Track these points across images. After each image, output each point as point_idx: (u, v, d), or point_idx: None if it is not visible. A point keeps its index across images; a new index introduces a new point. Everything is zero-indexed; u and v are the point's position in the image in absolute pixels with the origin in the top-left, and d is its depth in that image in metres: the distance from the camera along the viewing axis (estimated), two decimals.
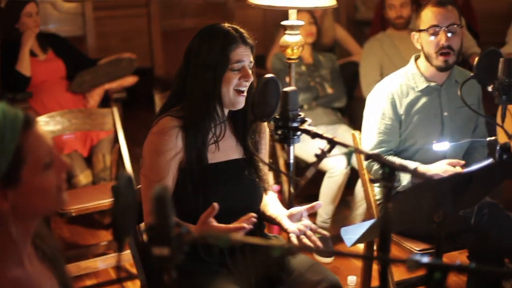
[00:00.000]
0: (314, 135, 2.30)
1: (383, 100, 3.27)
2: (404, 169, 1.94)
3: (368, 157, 2.05)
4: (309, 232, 2.55)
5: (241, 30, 2.66)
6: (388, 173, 1.98)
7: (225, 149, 2.70)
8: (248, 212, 2.75)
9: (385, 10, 5.15)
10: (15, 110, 1.67)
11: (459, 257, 3.64)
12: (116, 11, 5.94)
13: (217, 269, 2.63)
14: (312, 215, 4.61)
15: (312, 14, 5.03)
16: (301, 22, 3.32)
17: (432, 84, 3.29)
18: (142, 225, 2.76)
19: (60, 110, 4.34)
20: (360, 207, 4.56)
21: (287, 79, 3.56)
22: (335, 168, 4.38)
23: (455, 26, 3.20)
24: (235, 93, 2.62)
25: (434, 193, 2.34)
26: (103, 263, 3.94)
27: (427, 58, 3.26)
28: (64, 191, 1.74)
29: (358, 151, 2.12)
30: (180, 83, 2.66)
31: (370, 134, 3.28)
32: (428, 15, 3.21)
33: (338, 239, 4.25)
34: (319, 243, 2.54)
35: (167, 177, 2.57)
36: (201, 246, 2.53)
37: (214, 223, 2.38)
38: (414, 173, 1.99)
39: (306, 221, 2.58)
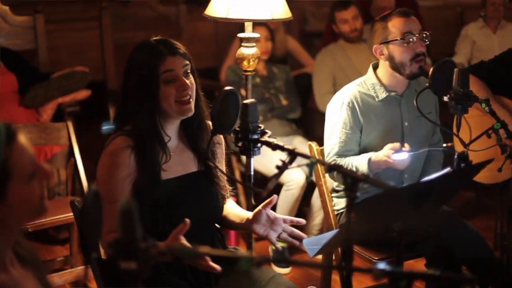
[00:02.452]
0: (274, 147, 2.32)
1: (344, 109, 3.27)
2: (367, 179, 1.96)
3: (330, 168, 2.07)
4: (288, 228, 2.58)
5: (170, 41, 2.63)
6: (351, 183, 2.01)
7: (181, 163, 2.69)
8: (209, 223, 2.76)
9: (335, 25, 5.20)
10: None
11: (416, 265, 3.68)
12: (68, 24, 5.90)
13: (178, 282, 2.62)
14: None
15: (270, 30, 5.06)
16: (256, 35, 3.34)
17: (393, 93, 3.30)
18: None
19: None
20: (317, 218, 4.59)
21: (243, 91, 3.57)
22: (292, 181, 4.42)
23: (427, 33, 3.23)
24: (178, 104, 2.60)
25: (394, 202, 2.36)
26: (60, 278, 3.89)
27: (399, 67, 3.24)
28: (46, 198, 1.75)
29: (320, 162, 2.13)
30: (123, 101, 2.64)
31: (331, 143, 3.29)
32: (398, 25, 3.21)
33: (295, 250, 4.28)
34: (304, 235, 2.58)
35: (122, 197, 2.52)
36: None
37: (183, 240, 2.36)
38: (376, 182, 2.01)
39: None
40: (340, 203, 3.38)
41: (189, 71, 2.64)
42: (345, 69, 5.00)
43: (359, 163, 3.16)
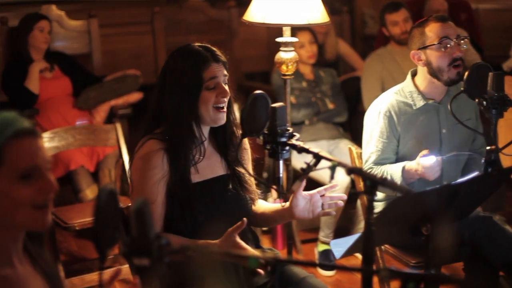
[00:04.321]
0: (300, 150, 2.35)
1: (380, 118, 3.27)
2: (384, 182, 1.98)
3: (350, 171, 2.10)
4: (326, 198, 2.67)
5: (212, 48, 2.70)
6: (370, 186, 2.03)
7: (210, 167, 2.74)
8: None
9: (385, 28, 5.20)
10: (14, 120, 1.74)
11: (456, 269, 3.66)
12: (122, 28, 6.01)
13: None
14: (315, 230, 4.66)
15: (313, 33, 5.09)
16: (294, 39, 3.38)
17: (430, 101, 3.29)
18: None
19: (66, 126, 4.43)
20: (362, 221, 4.59)
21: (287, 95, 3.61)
22: (335, 182, 4.41)
23: (465, 38, 3.22)
24: (215, 110, 2.66)
25: (420, 206, 2.37)
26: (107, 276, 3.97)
27: (437, 73, 3.22)
28: (46, 211, 1.76)
29: (340, 165, 2.16)
30: (158, 104, 2.70)
31: (368, 152, 3.30)
32: (435, 29, 3.20)
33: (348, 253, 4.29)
34: (342, 195, 2.69)
35: (157, 200, 2.61)
36: None
37: (238, 239, 2.42)
38: (396, 187, 2.03)
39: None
40: (378, 207, 3.39)
41: (227, 79, 2.71)
42: (393, 73, 4.99)
43: (393, 171, 3.16)
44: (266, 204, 2.89)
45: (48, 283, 1.89)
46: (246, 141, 2.85)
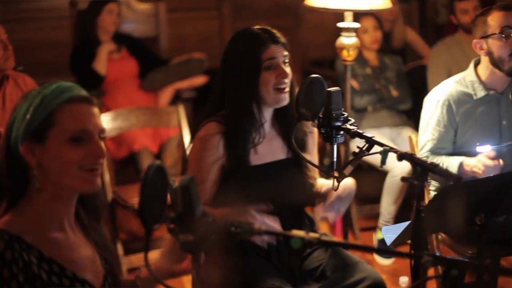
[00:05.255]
0: (354, 134, 2.35)
1: (439, 107, 3.23)
2: (434, 169, 1.97)
3: (401, 156, 2.09)
4: None
5: (271, 30, 2.72)
6: (420, 172, 2.02)
7: (271, 150, 2.76)
8: (296, 210, 2.81)
9: (454, 16, 5.11)
10: (70, 87, 1.84)
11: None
12: (189, 13, 6.06)
13: (264, 263, 2.70)
14: (375, 216, 4.64)
15: (378, 19, 5.05)
16: (356, 24, 3.36)
17: (492, 92, 3.24)
18: None
19: (130, 107, 4.52)
20: None
21: (353, 82, 3.59)
22: (395, 168, 4.38)
23: None
24: (276, 91, 2.68)
25: (473, 195, 2.35)
26: None
27: (498, 63, 3.17)
28: (95, 174, 1.83)
29: (392, 150, 2.15)
30: (220, 87, 2.74)
31: (424, 139, 3.27)
32: (497, 18, 3.15)
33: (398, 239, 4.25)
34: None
35: (207, 181, 2.67)
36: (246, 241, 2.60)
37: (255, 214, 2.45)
38: (446, 174, 2.01)
39: None
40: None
41: (287, 61, 2.72)
42: (460, 62, 4.90)
43: (449, 163, 3.12)
44: (323, 182, 2.89)
45: (100, 254, 1.94)
46: (309, 125, 2.85)
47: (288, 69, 2.70)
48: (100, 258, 1.94)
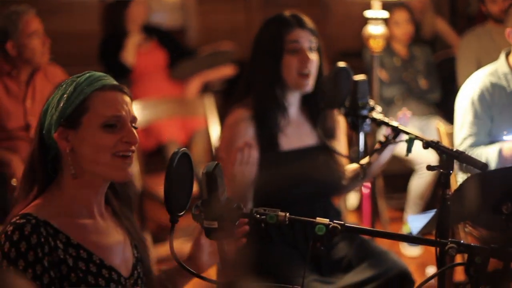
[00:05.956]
0: (380, 123, 2.35)
1: (474, 100, 3.19)
2: (460, 157, 1.96)
3: (427, 144, 2.08)
4: None
5: (300, 15, 2.72)
6: (446, 160, 2.02)
7: (299, 136, 2.76)
8: (323, 197, 2.81)
9: (483, 5, 5.06)
10: (103, 76, 1.86)
11: None
12: (218, 5, 6.08)
13: (289, 251, 2.70)
14: (403, 207, 4.62)
15: (411, 12, 5.02)
16: (384, 14, 3.34)
17: None
18: None
19: (158, 97, 4.55)
20: None
21: (380, 72, 3.58)
22: (423, 164, 4.36)
23: None
24: (299, 77, 2.68)
25: (500, 183, 2.32)
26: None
27: None
28: (127, 162, 1.84)
29: (418, 138, 2.15)
30: (248, 73, 2.76)
31: (460, 137, 3.22)
32: None
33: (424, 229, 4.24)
34: None
35: None
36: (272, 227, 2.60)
37: None
38: (472, 162, 2.00)
39: None
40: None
41: (314, 47, 2.71)
42: (491, 53, 4.83)
43: (488, 153, 3.09)
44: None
45: (131, 241, 1.96)
46: (335, 113, 2.85)
47: (313, 56, 2.69)
48: (131, 246, 1.95)
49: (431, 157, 4.37)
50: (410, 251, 4.34)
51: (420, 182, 4.45)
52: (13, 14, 3.49)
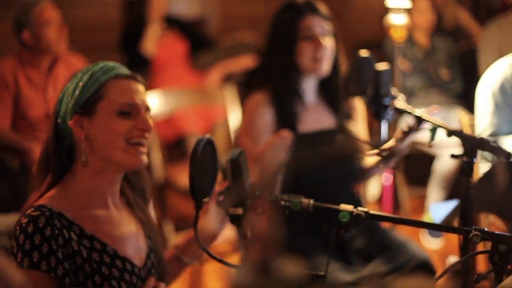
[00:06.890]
0: (402, 112, 2.35)
1: (494, 91, 3.16)
2: (483, 145, 1.96)
3: (450, 133, 2.08)
4: None
5: (314, 2, 2.73)
6: (469, 149, 2.01)
7: (317, 119, 2.78)
8: (344, 183, 2.80)
9: None
10: (117, 66, 1.89)
11: None
12: None
13: (311, 239, 2.70)
14: (425, 197, 4.60)
15: (432, 0, 4.99)
16: (405, 3, 3.33)
17: None
18: None
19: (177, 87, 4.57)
20: None
21: (401, 62, 3.57)
22: (445, 152, 4.34)
23: None
24: (313, 62, 2.69)
25: None
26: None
27: None
28: (141, 150, 1.85)
29: (441, 127, 2.14)
30: (264, 59, 2.80)
31: (482, 125, 3.20)
32: None
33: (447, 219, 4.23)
34: None
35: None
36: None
37: None
38: (495, 150, 2.00)
39: None
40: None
41: (328, 32, 2.73)
42: None
43: (509, 143, 3.07)
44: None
45: (144, 231, 1.97)
46: (354, 100, 2.85)
47: (327, 41, 2.71)
48: (144, 236, 1.96)
49: (451, 144, 4.34)
50: (431, 243, 4.33)
51: (441, 168, 4.43)
52: (27, 3, 3.52)
